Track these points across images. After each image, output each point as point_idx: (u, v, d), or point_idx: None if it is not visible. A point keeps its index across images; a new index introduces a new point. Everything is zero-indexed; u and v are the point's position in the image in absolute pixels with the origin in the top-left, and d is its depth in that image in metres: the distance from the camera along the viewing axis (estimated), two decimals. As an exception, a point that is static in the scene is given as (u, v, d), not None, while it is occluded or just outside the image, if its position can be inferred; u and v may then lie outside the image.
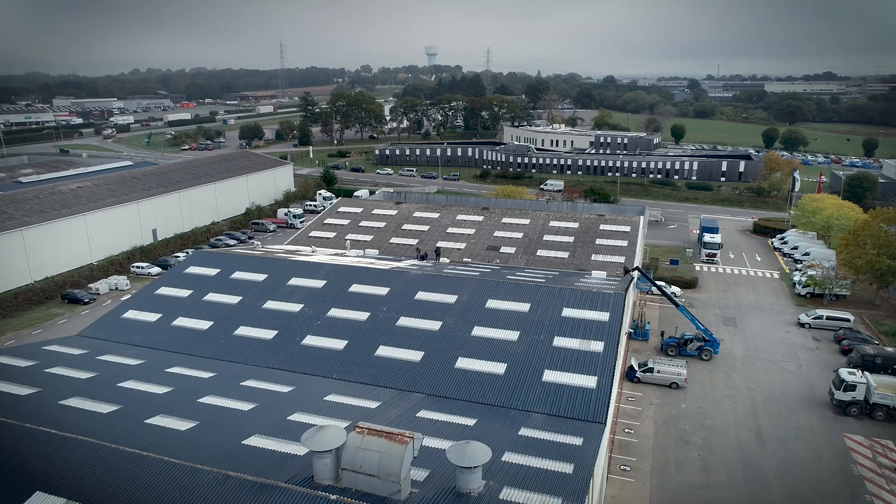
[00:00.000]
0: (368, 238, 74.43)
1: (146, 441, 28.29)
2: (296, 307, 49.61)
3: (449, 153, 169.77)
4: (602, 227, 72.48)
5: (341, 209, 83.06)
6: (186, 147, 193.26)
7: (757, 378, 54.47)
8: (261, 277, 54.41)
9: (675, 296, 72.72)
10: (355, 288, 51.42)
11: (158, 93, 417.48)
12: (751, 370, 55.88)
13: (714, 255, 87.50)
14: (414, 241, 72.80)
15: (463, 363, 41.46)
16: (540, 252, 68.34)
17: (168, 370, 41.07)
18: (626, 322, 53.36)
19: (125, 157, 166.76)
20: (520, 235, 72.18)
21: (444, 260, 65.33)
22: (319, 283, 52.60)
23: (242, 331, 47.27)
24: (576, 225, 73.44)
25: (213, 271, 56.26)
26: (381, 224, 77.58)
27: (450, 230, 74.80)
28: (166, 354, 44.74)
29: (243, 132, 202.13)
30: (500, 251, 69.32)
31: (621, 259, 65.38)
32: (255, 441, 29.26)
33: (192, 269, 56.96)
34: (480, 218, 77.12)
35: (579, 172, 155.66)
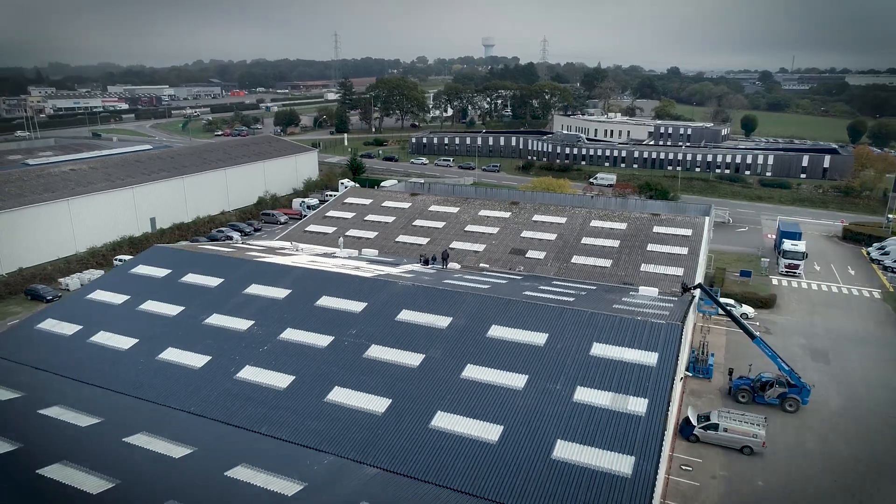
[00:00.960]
0: (371, 235, 62.80)
1: None
2: (244, 324, 38.39)
3: (491, 142, 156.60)
4: (656, 229, 58.45)
5: (348, 200, 71.78)
6: (220, 133, 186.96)
7: (863, 442, 39.85)
8: (215, 282, 43.55)
9: (747, 318, 58.03)
10: (324, 301, 39.81)
11: (210, 81, 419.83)
12: (854, 430, 41.24)
13: (796, 266, 71.69)
14: (424, 241, 60.69)
15: (442, 421, 29.19)
16: (576, 259, 55.04)
17: (41, 411, 30.47)
18: (683, 363, 39.81)
19: (155, 141, 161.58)
20: (552, 237, 59.00)
21: (453, 265, 52.97)
22: (282, 293, 41.26)
23: (169, 354, 36.38)
24: (623, 226, 59.65)
25: (162, 272, 45.83)
26: (390, 219, 65.81)
27: (468, 228, 62.28)
28: (61, 383, 34.25)
29: (278, 118, 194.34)
30: (527, 256, 56.38)
31: (679, 272, 51.38)
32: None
33: (140, 269, 46.69)
34: (507, 214, 64.25)
35: (635, 165, 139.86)
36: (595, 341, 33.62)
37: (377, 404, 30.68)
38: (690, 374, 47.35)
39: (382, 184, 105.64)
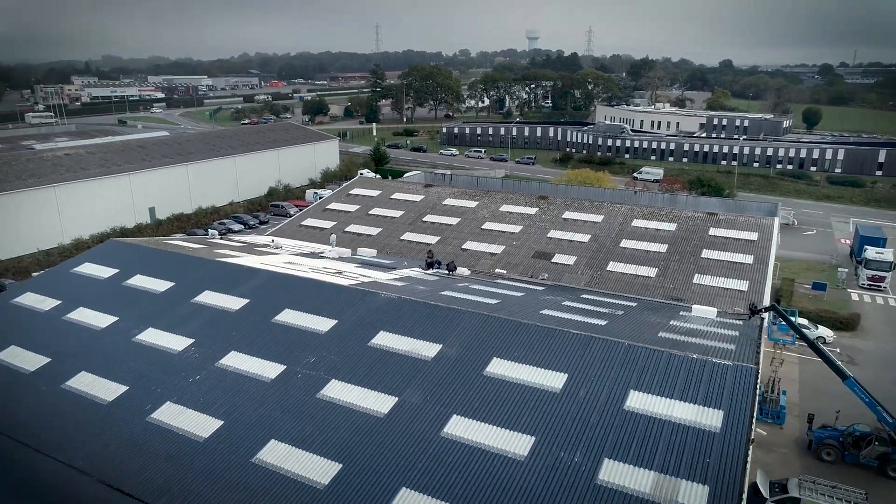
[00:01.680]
0: (374, 231, 54.24)
1: None
2: (180, 343, 30.27)
3: (527, 133, 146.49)
4: (713, 231, 48.08)
5: (353, 191, 63.40)
6: (247, 121, 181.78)
7: None
8: (163, 287, 35.64)
9: (825, 342, 47.28)
10: (285, 316, 31.37)
11: (249, 72, 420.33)
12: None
13: (882, 278, 60.03)
14: (432, 239, 51.79)
15: (406, 502, 20.33)
16: (612, 266, 45.22)
17: None
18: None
19: (179, 129, 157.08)
20: (585, 238, 49.27)
21: (462, 271, 43.85)
22: (236, 304, 33.02)
23: (79, 381, 28.52)
24: (672, 227, 49.46)
25: (107, 273, 38.23)
26: (397, 213, 57.12)
27: (486, 226, 53.05)
28: (-67, 417, 26.72)
29: (307, 107, 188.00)
30: (553, 261, 46.83)
31: (743, 285, 41.09)
32: None
33: (84, 268, 39.21)
34: (533, 211, 54.75)
35: (684, 159, 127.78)
36: (632, 388, 24.19)
37: (322, 472, 22.02)
38: (759, 418, 37.16)
39: (405, 175, 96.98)
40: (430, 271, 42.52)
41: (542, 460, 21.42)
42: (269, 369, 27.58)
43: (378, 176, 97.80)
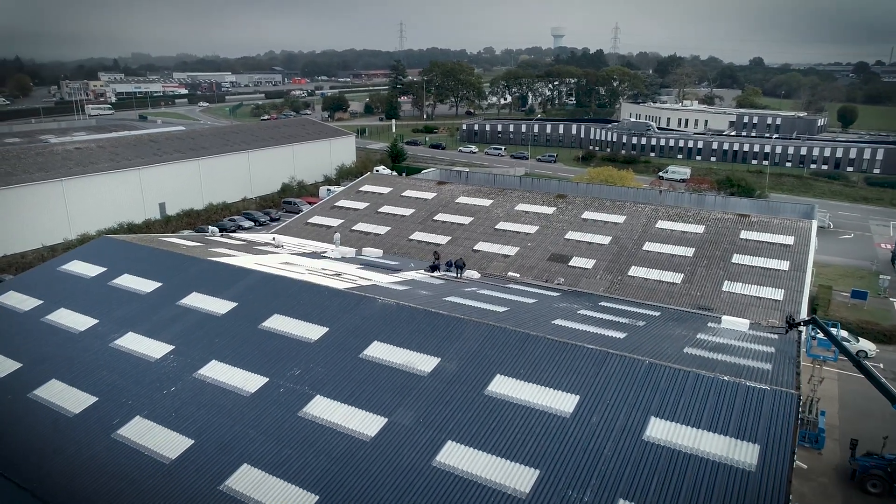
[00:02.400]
0: (382, 231, 51.67)
1: None
2: (159, 350, 27.98)
3: (549, 130, 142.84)
4: (745, 234, 44.52)
5: (363, 188, 60.92)
6: (266, 117, 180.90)
7: None
8: (150, 287, 33.45)
9: (866, 356, 43.42)
10: (273, 322, 28.90)
11: (273, 69, 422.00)
12: None
13: (928, 287, 55.73)
14: (443, 239, 49.02)
15: (387, 547, 17.62)
16: (634, 271, 41.98)
17: None
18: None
19: (199, 124, 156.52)
20: (605, 240, 46.05)
21: (471, 274, 41.01)
22: (224, 307, 30.66)
23: (47, 391, 26.38)
24: (700, 229, 46.00)
25: (94, 271, 36.20)
26: (407, 211, 54.47)
27: (500, 226, 50.10)
28: None
29: (326, 103, 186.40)
30: (570, 264, 43.72)
31: (778, 294, 37.59)
32: None
33: (71, 266, 37.26)
34: (550, 210, 51.64)
35: (713, 158, 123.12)
36: (653, 414, 21.16)
37: (297, 503, 19.43)
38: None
39: (422, 172, 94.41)
40: (435, 274, 39.74)
41: (546, 498, 18.54)
42: (250, 382, 25.11)
43: (393, 173, 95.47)
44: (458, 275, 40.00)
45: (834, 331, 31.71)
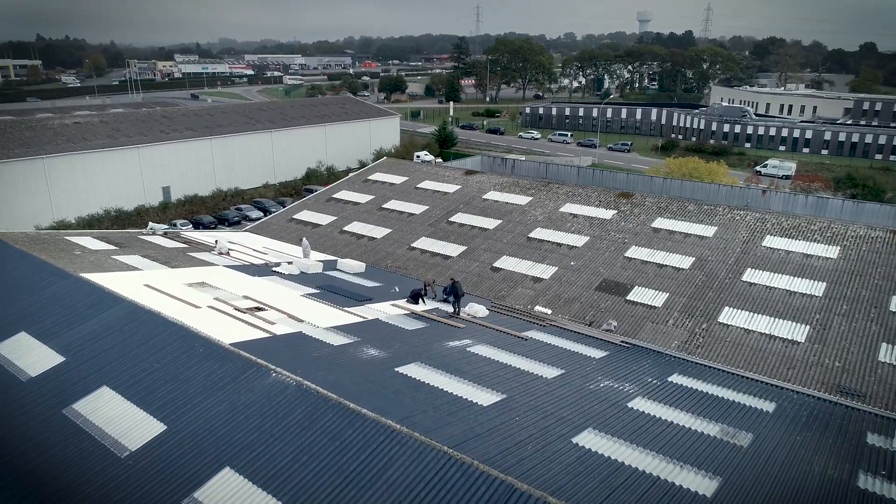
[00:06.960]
0: (380, 234, 39.10)
1: None
2: None
3: (624, 115, 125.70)
4: (907, 263, 28.83)
5: (373, 177, 48.56)
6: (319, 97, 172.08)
7: None
8: (-26, 318, 22.29)
9: None
10: (91, 405, 16.92)
11: (344, 52, 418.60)
12: None
13: None
14: (455, 250, 35.84)
15: None
16: (728, 315, 27.40)
17: None
18: None
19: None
20: (685, 263, 31.51)
21: (474, 311, 27.47)
22: (41, 366, 19.00)
23: None
24: (833, 252, 30.65)
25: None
26: (419, 209, 41.61)
27: (535, 233, 36.37)
28: None
29: (383, 84, 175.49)
30: (629, 298, 29.56)
31: None
32: None
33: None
34: (608, 214, 37.37)
35: (823, 151, 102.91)
36: None
37: None
38: None
39: (466, 160, 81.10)
40: (419, 308, 26.68)
41: None
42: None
43: (439, 159, 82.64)
44: (456, 310, 26.80)
45: None
